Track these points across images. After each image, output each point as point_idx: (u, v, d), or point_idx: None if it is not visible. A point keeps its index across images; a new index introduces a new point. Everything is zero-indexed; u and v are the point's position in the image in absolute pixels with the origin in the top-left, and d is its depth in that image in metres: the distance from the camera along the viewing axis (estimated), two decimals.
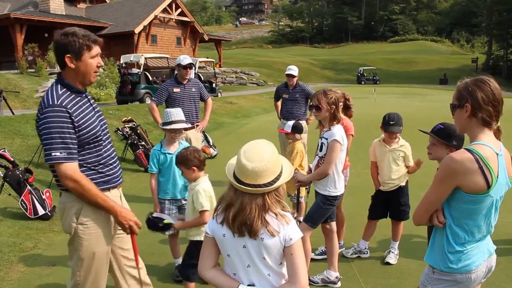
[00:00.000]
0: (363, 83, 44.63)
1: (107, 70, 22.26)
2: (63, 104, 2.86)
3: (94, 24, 30.77)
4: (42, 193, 6.61)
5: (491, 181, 2.25)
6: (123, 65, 20.89)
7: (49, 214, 6.52)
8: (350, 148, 4.86)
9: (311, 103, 4.33)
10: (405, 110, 17.75)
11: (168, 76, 23.24)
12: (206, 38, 37.79)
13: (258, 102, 23.13)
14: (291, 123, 5.99)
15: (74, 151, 2.86)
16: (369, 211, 5.20)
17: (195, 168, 3.87)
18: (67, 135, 2.83)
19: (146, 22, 30.32)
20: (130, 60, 21.43)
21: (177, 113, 4.74)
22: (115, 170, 3.20)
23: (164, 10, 32.63)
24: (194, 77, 9.13)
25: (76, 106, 2.91)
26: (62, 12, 31.04)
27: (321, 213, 4.30)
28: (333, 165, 4.13)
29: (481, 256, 2.44)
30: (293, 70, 7.68)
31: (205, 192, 3.80)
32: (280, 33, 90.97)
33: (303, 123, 6.71)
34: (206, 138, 10.90)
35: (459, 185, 2.26)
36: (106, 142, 3.13)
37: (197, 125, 7.06)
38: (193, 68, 7.36)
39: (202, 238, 3.07)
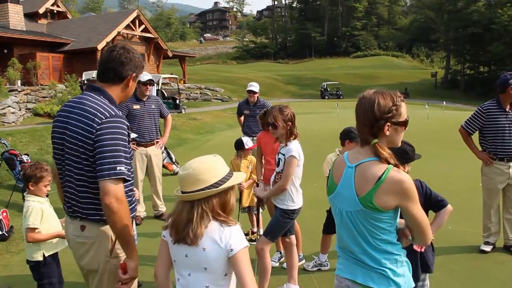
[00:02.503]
0: (326, 98, 45.26)
1: (69, 87, 21.92)
2: (123, 117, 2.69)
3: (56, 40, 30.32)
4: None
5: (328, 184, 2.44)
6: (85, 82, 20.65)
7: (6, 235, 6.37)
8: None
9: (267, 121, 4.40)
10: None
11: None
12: (170, 54, 37.70)
13: (222, 118, 23.17)
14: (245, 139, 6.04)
15: (130, 168, 2.66)
16: (324, 226, 5.23)
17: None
18: (128, 150, 2.65)
19: (109, 38, 30.05)
20: (92, 77, 21.12)
21: None
22: (134, 197, 2.94)
23: (128, 27, 32.46)
24: (156, 94, 9.12)
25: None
26: (22, 28, 30.48)
27: (280, 227, 4.36)
28: (290, 180, 4.20)
29: (344, 270, 2.42)
30: (254, 86, 7.77)
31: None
32: (245, 49, 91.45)
33: None
34: (168, 154, 10.87)
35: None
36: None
37: (157, 142, 7.06)
38: (153, 84, 7.35)
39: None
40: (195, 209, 2.18)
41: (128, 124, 2.73)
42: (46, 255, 3.95)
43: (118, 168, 2.51)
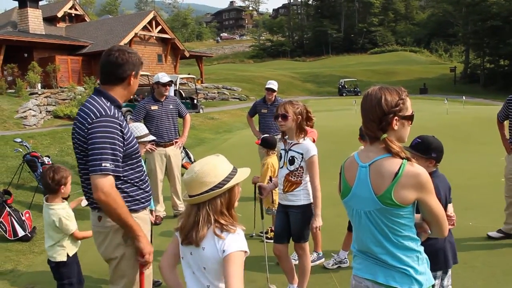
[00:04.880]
0: (344, 95, 44.98)
1: (88, 89, 22.17)
2: (116, 116, 2.87)
3: (74, 43, 30.67)
4: (22, 214, 6.57)
5: (341, 188, 2.38)
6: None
7: (29, 235, 6.48)
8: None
9: (277, 113, 4.26)
10: None
11: (150, 93, 23.21)
12: (187, 54, 37.85)
13: (240, 116, 23.19)
14: (264, 136, 6.04)
15: (120, 164, 2.83)
16: (349, 223, 5.23)
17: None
18: (118, 148, 2.81)
19: (126, 40, 30.28)
20: None
21: (139, 128, 4.75)
22: (149, 187, 3.20)
23: (145, 28, 32.67)
24: (174, 94, 9.17)
25: (122, 119, 2.94)
26: (42, 32, 30.90)
27: (303, 225, 4.34)
28: (318, 176, 4.19)
29: (363, 270, 2.39)
30: (273, 84, 7.73)
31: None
32: (261, 48, 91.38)
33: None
34: (187, 154, 10.92)
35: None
36: (140, 158, 3.15)
37: (176, 142, 7.10)
38: (171, 85, 7.41)
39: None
40: (201, 211, 2.20)
41: (122, 124, 2.90)
42: (70, 254, 4.07)
43: (103, 164, 2.71)
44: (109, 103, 2.92)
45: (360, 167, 2.29)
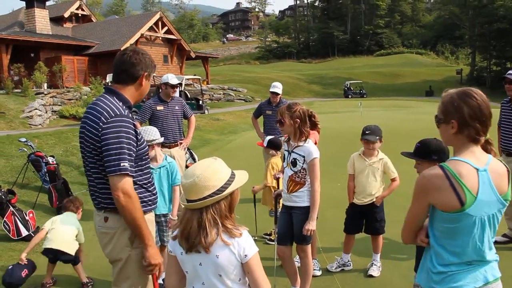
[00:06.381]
0: (350, 97, 44.86)
1: (94, 90, 22.24)
2: (129, 116, 2.87)
3: (81, 44, 30.78)
4: (26, 214, 6.58)
5: (465, 199, 2.11)
6: (109, 84, 20.85)
7: (33, 235, 6.46)
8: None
9: (277, 118, 4.33)
10: (391, 123, 17.87)
11: (155, 94, 23.24)
12: (193, 55, 37.90)
13: (245, 118, 23.17)
14: (269, 137, 6.03)
15: (134, 165, 2.82)
16: (345, 225, 5.20)
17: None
18: (133, 148, 2.81)
19: (132, 40, 30.35)
20: None
21: (151, 130, 4.78)
22: (156, 190, 3.22)
23: (151, 29, 32.74)
24: (179, 95, 9.17)
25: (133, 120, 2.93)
26: (48, 32, 31.05)
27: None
28: (319, 180, 4.17)
29: (472, 281, 2.24)
30: (278, 87, 7.72)
31: None
32: (267, 49, 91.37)
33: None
34: (192, 155, 10.91)
35: (432, 202, 2.20)
36: (149, 160, 3.15)
37: (181, 143, 7.09)
38: (178, 87, 7.42)
39: None
40: (205, 215, 2.16)
41: (134, 123, 2.89)
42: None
43: (122, 164, 2.71)
44: (121, 103, 2.91)
45: (480, 171, 2.17)
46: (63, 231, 5.04)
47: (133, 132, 2.84)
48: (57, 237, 4.99)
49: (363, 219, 5.07)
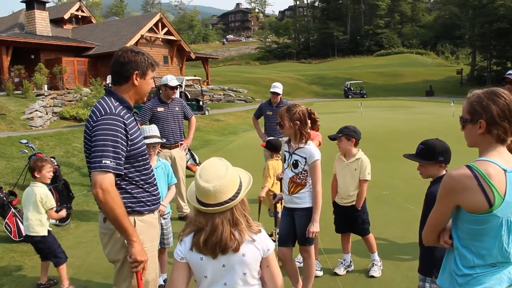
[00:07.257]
0: (350, 97, 44.89)
1: (94, 91, 22.24)
2: (121, 114, 2.87)
3: (81, 45, 30.81)
4: None
5: (493, 200, 2.06)
6: (109, 85, 20.86)
7: None
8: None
9: (277, 120, 4.32)
10: (392, 123, 17.91)
11: (156, 95, 23.25)
12: (193, 56, 37.91)
13: (246, 118, 23.19)
14: (269, 139, 6.03)
15: (121, 163, 2.80)
16: (334, 225, 5.21)
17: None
18: (120, 145, 2.79)
19: (132, 41, 30.36)
20: None
21: (150, 129, 4.83)
22: (158, 191, 3.19)
23: (151, 30, 32.75)
24: (180, 96, 9.17)
25: (130, 120, 2.93)
26: (49, 34, 31.07)
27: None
28: (320, 182, 4.16)
29: (497, 283, 2.19)
30: (278, 87, 7.73)
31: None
32: (267, 50, 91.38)
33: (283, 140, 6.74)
34: (192, 156, 10.92)
35: (459, 203, 2.13)
36: (149, 161, 3.13)
37: (181, 144, 7.10)
38: (178, 88, 7.42)
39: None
40: (230, 216, 2.15)
41: (126, 122, 2.88)
42: (50, 229, 4.91)
43: (103, 161, 2.70)
44: (117, 103, 2.93)
45: (507, 172, 2.11)
46: (26, 216, 4.92)
47: (123, 131, 2.83)
48: (25, 223, 4.99)
49: (348, 220, 5.04)
